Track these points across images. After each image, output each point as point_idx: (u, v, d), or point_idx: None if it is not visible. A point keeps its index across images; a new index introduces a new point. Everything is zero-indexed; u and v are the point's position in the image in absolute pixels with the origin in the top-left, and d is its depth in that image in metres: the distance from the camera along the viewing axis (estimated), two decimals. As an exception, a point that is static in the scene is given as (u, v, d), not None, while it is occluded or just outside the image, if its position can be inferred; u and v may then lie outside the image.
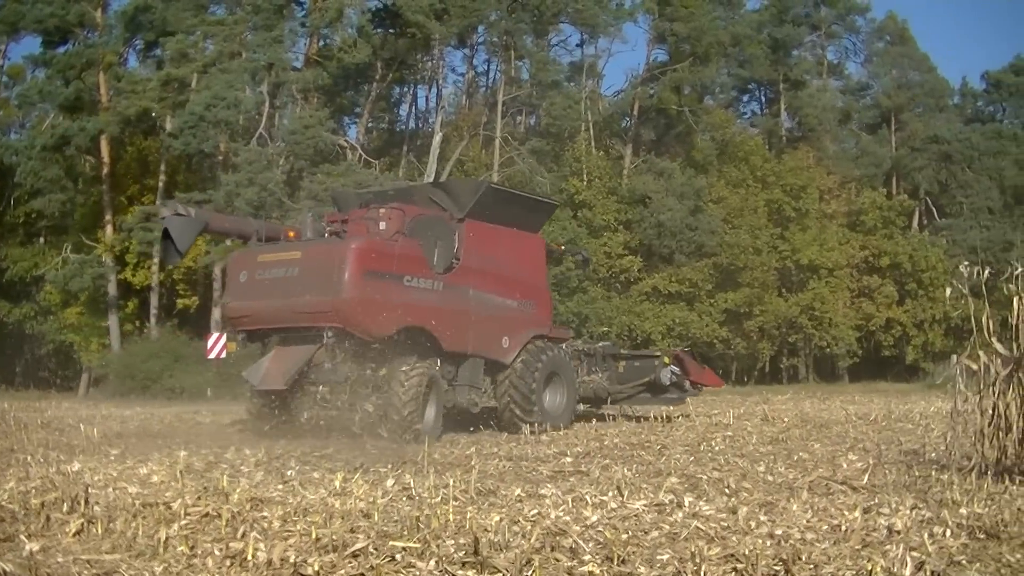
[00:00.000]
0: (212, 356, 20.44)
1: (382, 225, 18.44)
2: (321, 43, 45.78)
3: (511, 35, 48.61)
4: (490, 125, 49.29)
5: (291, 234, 19.09)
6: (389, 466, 12.65)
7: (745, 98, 68.28)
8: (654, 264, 47.91)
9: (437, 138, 46.85)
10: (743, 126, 62.55)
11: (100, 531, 7.96)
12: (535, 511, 8.74)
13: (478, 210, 19.79)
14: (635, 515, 8.71)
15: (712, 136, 54.92)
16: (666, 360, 23.33)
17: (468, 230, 19.59)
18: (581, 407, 23.83)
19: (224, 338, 20.02)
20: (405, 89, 55.77)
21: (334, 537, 7.53)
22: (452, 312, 18.85)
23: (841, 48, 68.87)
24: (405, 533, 7.72)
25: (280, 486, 10.52)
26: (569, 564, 6.96)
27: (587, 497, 9.55)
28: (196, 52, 42.46)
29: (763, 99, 67.47)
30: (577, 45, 57.32)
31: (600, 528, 8.03)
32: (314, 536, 7.60)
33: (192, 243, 20.09)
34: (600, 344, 25.50)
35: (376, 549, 7.24)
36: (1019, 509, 8.68)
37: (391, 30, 46.64)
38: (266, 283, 18.20)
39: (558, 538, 7.62)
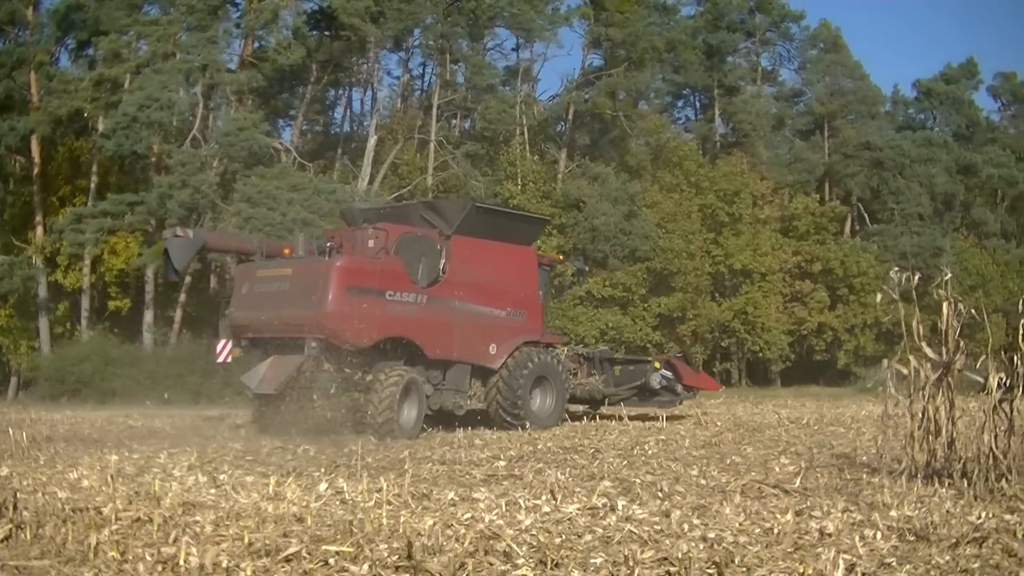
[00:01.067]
0: (220, 360, 22.48)
1: (370, 243, 20.41)
2: (256, 45, 45.51)
3: (447, 39, 48.85)
4: (425, 128, 49.37)
5: (287, 251, 20.89)
6: (322, 470, 12.81)
7: (680, 103, 69.01)
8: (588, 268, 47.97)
9: (372, 141, 46.83)
10: (677, 131, 62.82)
11: (29, 537, 7.95)
12: (469, 515, 8.90)
13: (465, 227, 21.52)
14: (568, 519, 8.86)
15: (646, 141, 55.32)
16: (656, 365, 25.03)
17: (455, 246, 21.29)
18: (582, 408, 25.71)
19: (230, 345, 21.69)
20: (340, 92, 55.54)
21: (267, 542, 7.61)
22: (436, 322, 20.67)
23: (775, 55, 69.43)
24: (338, 537, 7.81)
25: (212, 490, 10.59)
26: (503, 568, 7.09)
27: (520, 501, 9.72)
28: (129, 52, 42.13)
29: (697, 105, 68.19)
30: (513, 49, 57.35)
31: (534, 532, 8.16)
32: (247, 541, 7.65)
33: (189, 261, 22.52)
34: (598, 349, 27.64)
35: (309, 553, 7.30)
36: (948, 511, 9.02)
37: (326, 32, 46.35)
38: (263, 296, 20.22)
39: (492, 542, 7.74)
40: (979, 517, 8.70)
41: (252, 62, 43.56)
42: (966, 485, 10.45)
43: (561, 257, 30.13)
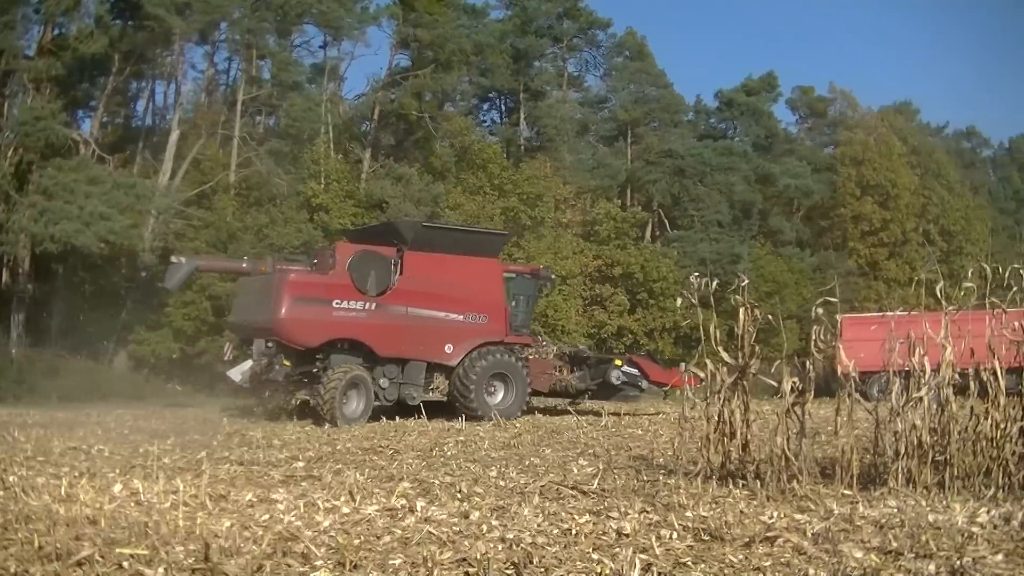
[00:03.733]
0: (227, 358, 27.75)
1: (331, 260, 24.89)
2: (56, 32, 45.14)
3: (253, 34, 48.82)
4: (229, 124, 49.31)
5: (263, 269, 25.97)
6: (117, 471, 12.79)
7: (485, 106, 69.07)
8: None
9: (174, 135, 46.50)
10: (482, 134, 62.70)
11: None
12: (267, 516, 9.14)
13: (419, 243, 25.57)
14: (367, 520, 9.10)
15: (451, 143, 55.61)
16: (617, 362, 28.12)
17: (408, 260, 25.13)
18: (566, 402, 28.77)
19: (231, 346, 27.82)
20: (143, 84, 54.38)
21: (58, 545, 7.54)
22: (385, 326, 24.69)
23: (581, 61, 70.62)
24: (133, 540, 7.83)
25: (1, 492, 10.44)
26: (301, 569, 7.30)
27: (319, 502, 9.97)
28: (-80, 35, 41.47)
29: (503, 108, 68.45)
30: (320, 47, 57.45)
31: (332, 533, 8.39)
32: (37, 544, 7.62)
33: (182, 283, 27.55)
34: (577, 348, 31.10)
35: (103, 557, 7.34)
36: (742, 511, 9.47)
37: (130, 22, 45.90)
38: (245, 305, 26.06)
39: (290, 543, 7.94)
40: (771, 517, 9.13)
41: (51, 50, 43.14)
42: (759, 486, 10.94)
43: (540, 268, 32.17)
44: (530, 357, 27.88)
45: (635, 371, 28.16)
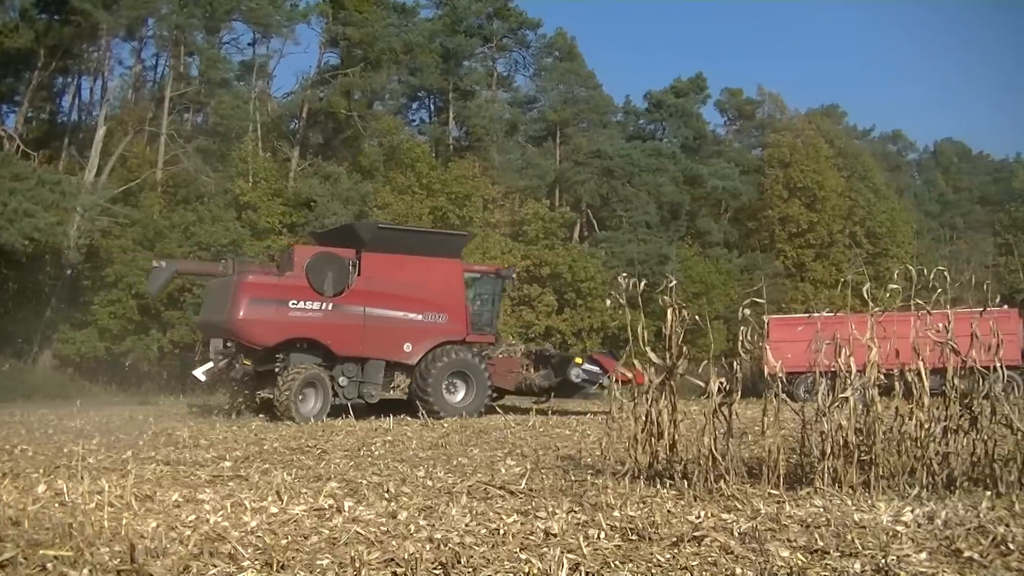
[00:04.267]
0: (196, 358, 29.24)
1: (289, 262, 25.70)
2: (-21, 26, 44.64)
3: (182, 30, 48.67)
4: (156, 121, 49.09)
5: (226, 272, 26.50)
6: (41, 471, 12.66)
7: (414, 105, 68.72)
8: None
9: (100, 132, 46.16)
10: (411, 133, 62.63)
11: None
12: (193, 517, 9.04)
13: (376, 245, 26.04)
14: (295, 520, 9.04)
15: (380, 142, 55.78)
16: (578, 360, 28.28)
17: (366, 261, 25.69)
18: (532, 400, 28.87)
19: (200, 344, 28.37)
20: (69, 79, 53.71)
21: None
22: (342, 326, 25.32)
23: (511, 61, 70.48)
24: (57, 541, 7.72)
25: None
26: (228, 570, 7.19)
27: (246, 502, 9.88)
28: None
29: (432, 107, 68.31)
30: (249, 44, 57.37)
31: (260, 533, 8.32)
32: None
33: (162, 287, 29.40)
34: (542, 348, 32.10)
35: (26, 559, 7.23)
36: (669, 511, 9.39)
37: (56, 16, 45.70)
38: (210, 306, 26.82)
39: (217, 544, 7.86)
40: (698, 516, 9.10)
41: (-25, 44, 42.74)
42: (686, 486, 10.81)
43: (507, 267, 32.82)
44: (499, 356, 28.74)
45: (596, 368, 28.12)
